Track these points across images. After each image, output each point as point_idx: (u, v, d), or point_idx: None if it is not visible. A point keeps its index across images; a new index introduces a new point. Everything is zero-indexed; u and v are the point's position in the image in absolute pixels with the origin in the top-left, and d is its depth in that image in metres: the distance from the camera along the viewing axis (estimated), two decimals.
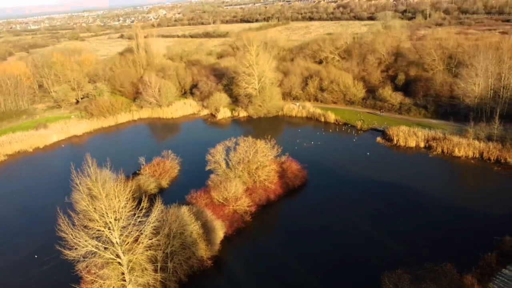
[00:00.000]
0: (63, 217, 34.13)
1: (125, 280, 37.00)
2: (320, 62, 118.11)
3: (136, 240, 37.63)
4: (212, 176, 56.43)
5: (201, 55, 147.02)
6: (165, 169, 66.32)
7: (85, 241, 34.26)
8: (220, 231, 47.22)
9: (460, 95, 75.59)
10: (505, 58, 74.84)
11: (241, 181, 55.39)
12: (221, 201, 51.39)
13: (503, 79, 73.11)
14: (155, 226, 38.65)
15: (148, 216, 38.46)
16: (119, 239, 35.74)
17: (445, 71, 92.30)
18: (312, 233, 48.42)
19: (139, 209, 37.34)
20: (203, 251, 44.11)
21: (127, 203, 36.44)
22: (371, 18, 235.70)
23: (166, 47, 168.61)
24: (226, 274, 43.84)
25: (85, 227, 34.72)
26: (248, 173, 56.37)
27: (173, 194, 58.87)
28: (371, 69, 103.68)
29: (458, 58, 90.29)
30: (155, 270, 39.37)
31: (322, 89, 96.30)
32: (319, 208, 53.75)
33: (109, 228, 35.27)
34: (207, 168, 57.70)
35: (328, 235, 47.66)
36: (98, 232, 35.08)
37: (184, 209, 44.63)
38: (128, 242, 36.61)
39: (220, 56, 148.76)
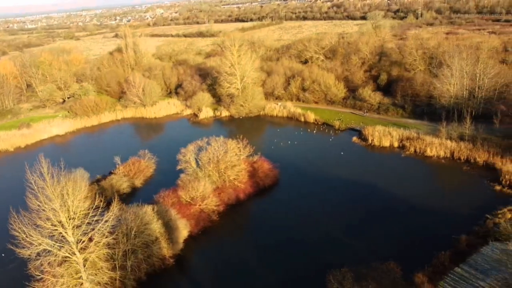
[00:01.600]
0: (15, 216, 34.62)
1: (81, 278, 37.47)
2: (306, 62, 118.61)
3: (92, 238, 38.07)
4: (182, 175, 56.90)
5: (189, 54, 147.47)
6: (140, 168, 66.81)
7: (38, 239, 34.72)
8: (184, 230, 47.73)
9: (437, 95, 76.11)
10: (481, 59, 75.14)
11: (211, 180, 55.94)
12: (188, 200, 51.88)
13: (477, 79, 73.56)
14: (112, 225, 39.09)
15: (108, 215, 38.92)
16: (73, 237, 36.21)
17: (426, 71, 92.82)
18: (277, 232, 48.90)
19: (95, 208, 37.76)
20: (165, 250, 44.66)
21: (82, 202, 36.88)
22: (363, 18, 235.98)
23: (156, 46, 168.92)
24: (187, 272, 44.37)
25: (38, 226, 35.14)
26: (218, 172, 56.86)
27: (145, 193, 59.53)
28: (354, 69, 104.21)
29: (438, 58, 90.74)
30: (114, 269, 39.88)
31: (304, 89, 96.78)
32: (287, 207, 54.31)
33: (63, 227, 35.72)
34: (178, 167, 58.29)
35: (292, 234, 48.09)
36: (52, 230, 35.52)
37: (146, 208, 45.12)
38: (83, 241, 37.07)
39: (209, 55, 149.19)
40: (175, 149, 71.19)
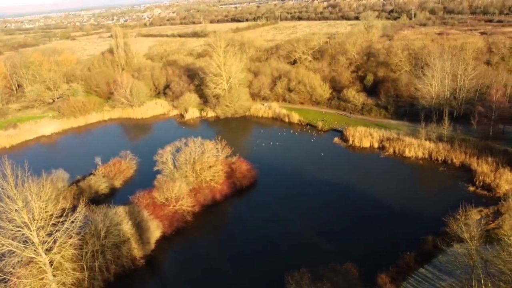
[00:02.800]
0: None
1: (47, 279, 37.72)
2: (295, 62, 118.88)
3: (58, 239, 38.31)
4: (158, 176, 57.22)
5: (180, 55, 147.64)
6: (120, 169, 67.10)
7: (1, 240, 34.95)
8: (156, 231, 47.99)
9: (418, 96, 76.36)
10: (462, 60, 75.39)
11: (187, 181, 56.23)
12: (163, 201, 52.14)
13: (458, 80, 73.79)
14: (80, 226, 39.32)
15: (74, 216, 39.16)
16: (38, 239, 36.45)
17: (412, 72, 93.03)
18: (249, 233, 49.26)
19: (63, 209, 38.04)
20: (136, 251, 44.96)
21: (49, 204, 37.14)
22: (357, 18, 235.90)
23: (148, 47, 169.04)
24: (158, 273, 44.67)
25: (2, 227, 35.38)
26: (195, 173, 57.12)
27: (123, 194, 59.69)
28: (341, 70, 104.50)
29: (423, 59, 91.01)
30: (81, 269, 40.14)
31: (290, 90, 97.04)
32: (262, 208, 54.62)
33: (28, 228, 35.96)
34: (155, 168, 58.58)
35: (264, 235, 48.38)
36: (16, 232, 35.76)
37: (117, 209, 45.45)
38: (49, 242, 37.32)
39: (200, 56, 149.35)
40: (158, 149, 71.56)
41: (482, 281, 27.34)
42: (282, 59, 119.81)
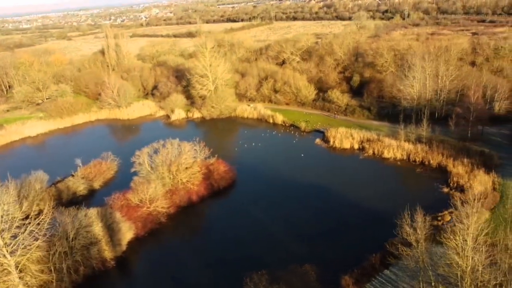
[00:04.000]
0: None
1: (12, 281, 37.89)
2: (283, 63, 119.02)
3: (24, 241, 38.49)
4: (135, 178, 57.42)
5: (171, 55, 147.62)
6: (100, 170, 67.28)
7: None
8: (128, 232, 48.17)
9: (400, 97, 76.52)
10: (442, 61, 75.60)
11: (163, 182, 56.43)
12: (137, 202, 52.33)
13: (439, 81, 73.97)
14: (47, 228, 39.49)
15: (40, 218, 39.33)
16: (2, 241, 36.62)
17: (397, 73, 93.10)
18: (223, 234, 49.48)
19: (26, 211, 38.23)
20: (107, 252, 45.14)
21: (11, 206, 37.30)
22: (352, 19, 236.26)
23: (140, 47, 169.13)
24: (127, 274, 45.00)
25: None
26: (171, 174, 57.29)
27: (101, 196, 59.70)
28: (328, 71, 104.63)
29: (408, 60, 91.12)
30: (49, 271, 40.32)
31: (275, 91, 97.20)
32: (237, 209, 54.85)
33: None
34: (132, 170, 58.77)
35: (236, 237, 48.60)
36: None
37: (87, 211, 45.63)
38: (14, 244, 37.49)
39: (191, 56, 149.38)
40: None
41: (433, 283, 27.52)
42: (270, 60, 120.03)
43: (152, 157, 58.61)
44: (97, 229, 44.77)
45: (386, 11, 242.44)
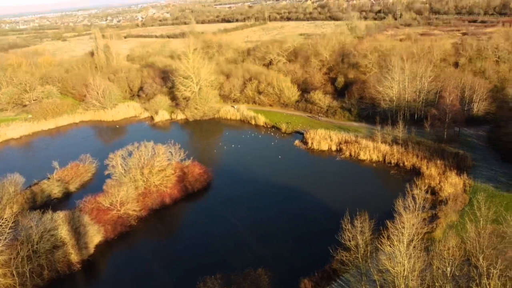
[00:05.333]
0: None
1: None
2: (270, 64, 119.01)
3: None
4: (107, 180, 57.41)
5: (160, 56, 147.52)
6: (77, 173, 67.25)
7: None
8: (96, 236, 48.17)
9: (380, 98, 76.60)
10: (422, 62, 75.66)
11: (136, 185, 56.42)
12: (108, 205, 52.32)
13: (418, 82, 73.98)
14: (8, 232, 39.54)
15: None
16: None
17: (379, 74, 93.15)
18: (192, 237, 49.55)
19: None
20: (73, 256, 45.13)
21: None
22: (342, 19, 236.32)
23: (130, 48, 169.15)
24: (93, 277, 44.96)
25: None
26: (144, 177, 57.27)
27: (76, 198, 59.56)
28: (313, 72, 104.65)
29: (386, 61, 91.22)
30: (11, 275, 40.32)
31: (259, 92, 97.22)
32: (210, 211, 54.91)
33: None
34: (106, 172, 58.77)
35: (206, 239, 48.62)
36: None
37: (54, 214, 45.61)
38: None
39: (180, 57, 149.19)
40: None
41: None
42: (257, 61, 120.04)
43: (126, 160, 58.61)
44: (63, 232, 44.77)
45: (380, 11, 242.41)
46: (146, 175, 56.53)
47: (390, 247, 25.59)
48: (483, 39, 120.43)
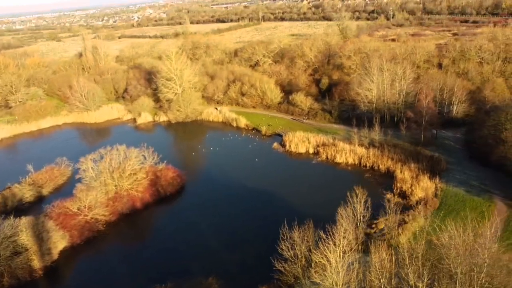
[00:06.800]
0: None
1: None
2: (256, 65, 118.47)
3: None
4: (77, 185, 56.82)
5: (148, 58, 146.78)
6: (52, 176, 66.66)
7: None
8: (61, 241, 47.62)
9: (359, 100, 76.05)
10: (400, 63, 75.09)
11: (106, 189, 55.86)
12: (75, 210, 51.75)
13: (397, 84, 73.40)
14: None
15: None
16: None
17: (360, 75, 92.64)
18: (159, 242, 49.04)
19: None
20: (35, 262, 44.57)
21: None
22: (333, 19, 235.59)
23: (120, 49, 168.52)
24: (56, 283, 44.39)
25: None
26: (115, 181, 56.70)
27: (48, 203, 58.94)
28: (298, 73, 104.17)
29: (365, 63, 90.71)
30: None
31: (242, 94, 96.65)
32: (180, 216, 54.55)
33: None
34: (77, 176, 58.25)
35: (172, 244, 48.11)
36: None
37: (14, 220, 45.04)
38: None
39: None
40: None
41: None
42: (244, 62, 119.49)
43: (97, 163, 58.03)
44: (25, 238, 44.25)
45: (373, 11, 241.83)
46: (117, 179, 55.95)
47: (322, 259, 24.99)
48: (472, 39, 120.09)
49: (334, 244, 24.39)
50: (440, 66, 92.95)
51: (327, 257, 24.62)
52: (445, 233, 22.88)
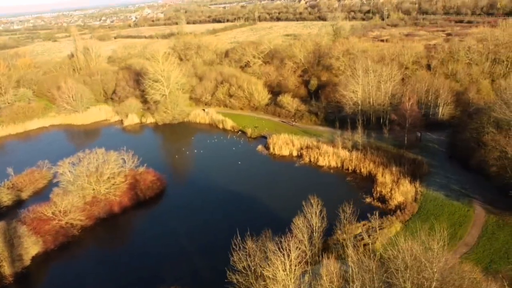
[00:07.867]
0: None
1: None
2: (246, 65, 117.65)
3: None
4: (54, 189, 56.21)
5: (140, 58, 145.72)
6: (32, 180, 65.99)
7: None
8: (33, 247, 46.96)
9: (344, 102, 75.29)
10: (386, 65, 74.36)
11: (84, 193, 55.19)
12: (50, 215, 51.06)
13: (383, 86, 72.65)
14: None
15: None
16: None
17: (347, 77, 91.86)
18: (136, 247, 48.43)
19: None
20: (5, 268, 43.95)
21: None
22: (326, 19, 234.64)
23: (112, 50, 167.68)
24: None
25: None
26: (92, 185, 56.02)
27: (27, 207, 58.34)
28: (288, 74, 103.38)
29: (350, 65, 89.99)
30: None
31: (230, 95, 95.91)
32: (158, 220, 53.81)
33: None
34: (55, 180, 57.59)
35: (147, 250, 47.50)
36: None
37: None
38: None
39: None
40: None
41: None
42: (234, 63, 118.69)
43: (75, 167, 57.36)
44: None
45: (368, 11, 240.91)
46: (94, 183, 55.26)
47: (272, 272, 24.26)
48: (463, 39, 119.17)
49: (284, 256, 23.65)
50: (428, 67, 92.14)
51: (277, 270, 23.88)
52: (395, 247, 22.15)
